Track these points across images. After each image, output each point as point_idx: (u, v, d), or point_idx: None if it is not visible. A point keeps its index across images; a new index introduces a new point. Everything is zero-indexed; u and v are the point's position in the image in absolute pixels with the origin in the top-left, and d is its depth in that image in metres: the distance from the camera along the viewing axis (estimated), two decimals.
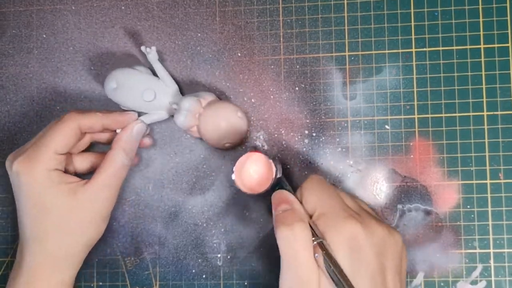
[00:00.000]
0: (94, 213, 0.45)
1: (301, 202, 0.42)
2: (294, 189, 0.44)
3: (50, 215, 0.44)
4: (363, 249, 0.38)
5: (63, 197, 0.44)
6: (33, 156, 0.44)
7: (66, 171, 0.46)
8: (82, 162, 0.48)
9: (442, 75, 0.49)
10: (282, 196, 0.42)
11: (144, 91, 0.48)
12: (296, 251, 0.38)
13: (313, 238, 0.38)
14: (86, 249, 0.46)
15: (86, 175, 0.47)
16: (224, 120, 0.47)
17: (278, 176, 0.44)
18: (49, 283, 0.44)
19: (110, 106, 0.52)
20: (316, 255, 0.38)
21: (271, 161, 0.44)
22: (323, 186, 0.42)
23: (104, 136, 0.49)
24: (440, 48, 0.49)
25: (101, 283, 0.51)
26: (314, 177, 0.43)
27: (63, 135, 0.44)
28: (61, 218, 0.44)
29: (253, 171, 0.44)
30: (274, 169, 0.43)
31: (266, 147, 0.50)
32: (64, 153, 0.45)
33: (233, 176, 0.44)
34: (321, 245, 0.38)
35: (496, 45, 0.48)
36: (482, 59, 0.49)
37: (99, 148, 0.51)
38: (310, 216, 0.41)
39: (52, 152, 0.44)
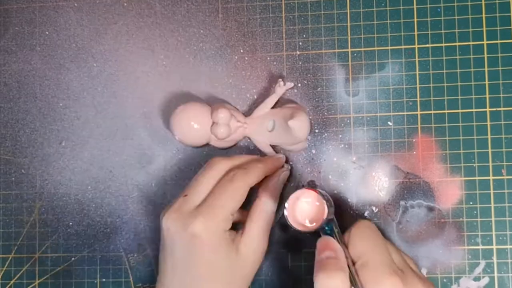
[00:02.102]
0: (252, 264, 0.45)
1: (347, 246, 0.41)
2: (343, 231, 0.43)
3: (220, 273, 0.43)
4: None
5: (231, 254, 0.43)
6: (214, 218, 0.43)
7: None
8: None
9: (444, 71, 0.49)
10: (328, 243, 0.41)
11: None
12: None
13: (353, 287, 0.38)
14: None
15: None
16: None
17: (330, 217, 0.43)
18: None
19: (112, 103, 0.52)
20: None
21: (324, 201, 0.43)
22: (372, 234, 0.42)
23: None
24: (443, 44, 0.49)
25: (104, 280, 0.51)
26: (364, 222, 0.43)
27: (238, 197, 0.44)
28: (228, 275, 0.44)
29: (306, 209, 0.43)
30: (326, 209, 0.42)
31: None
32: (235, 213, 0.44)
33: (285, 212, 0.43)
34: None
35: (499, 41, 0.48)
36: (485, 55, 0.48)
37: None
38: (354, 263, 0.40)
39: (229, 214, 0.43)
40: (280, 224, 0.49)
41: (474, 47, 0.49)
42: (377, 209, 0.49)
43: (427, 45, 0.49)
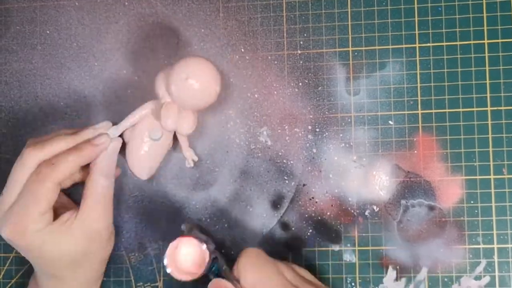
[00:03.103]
0: (94, 241, 0.45)
1: (238, 281, 0.41)
2: (230, 265, 0.43)
3: (58, 261, 0.44)
4: None
5: (61, 239, 0.44)
6: (19, 222, 0.42)
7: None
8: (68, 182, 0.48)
9: (445, 70, 0.49)
10: (220, 284, 0.41)
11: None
12: None
13: None
14: (101, 268, 0.48)
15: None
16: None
17: (213, 257, 0.43)
18: None
19: (113, 103, 0.52)
20: None
21: (203, 245, 0.42)
22: (258, 261, 0.42)
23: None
24: (444, 43, 0.49)
25: (105, 279, 0.51)
26: (250, 252, 0.42)
27: (45, 197, 0.43)
28: (69, 257, 0.44)
29: (186, 257, 0.43)
30: (206, 253, 0.42)
31: (269, 143, 0.50)
32: (48, 210, 0.43)
33: (165, 262, 0.42)
34: None
35: (500, 40, 0.48)
36: (486, 54, 0.48)
37: None
38: None
39: (38, 214, 0.43)
40: (280, 224, 0.49)
41: (475, 46, 0.49)
42: (378, 208, 0.49)
43: (428, 44, 0.49)
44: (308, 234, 0.49)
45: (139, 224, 0.51)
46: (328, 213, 0.49)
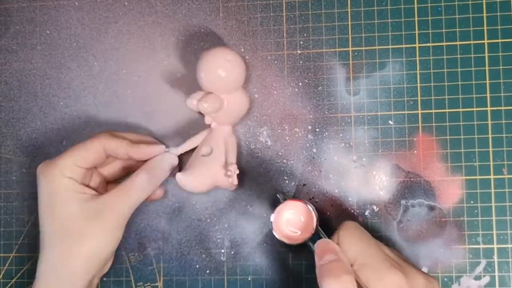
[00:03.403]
0: (102, 227, 0.44)
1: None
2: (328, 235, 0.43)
3: (59, 217, 0.44)
4: None
5: (72, 205, 0.44)
6: (54, 162, 0.45)
7: (88, 186, 0.47)
8: (109, 187, 0.49)
9: (445, 70, 0.49)
10: (328, 245, 0.41)
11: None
12: None
13: None
14: (87, 262, 0.45)
15: None
16: (218, 68, 0.46)
17: (316, 223, 0.43)
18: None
19: (113, 102, 0.52)
20: None
21: (311, 208, 0.43)
22: (360, 234, 0.42)
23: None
24: (444, 43, 0.49)
25: (105, 279, 0.51)
26: (350, 223, 0.43)
27: (86, 150, 0.46)
28: (67, 225, 0.44)
29: (292, 221, 0.44)
30: (314, 217, 0.43)
31: (269, 143, 0.50)
32: (83, 167, 0.45)
33: (272, 225, 0.43)
34: None
35: (499, 40, 0.48)
36: (486, 54, 0.48)
37: None
38: (351, 265, 0.40)
39: (72, 162, 0.45)
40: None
41: (475, 46, 0.49)
42: (378, 208, 0.49)
43: (428, 44, 0.49)
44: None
45: (139, 224, 0.51)
46: (328, 213, 0.49)
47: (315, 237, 0.43)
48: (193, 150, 0.49)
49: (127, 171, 0.50)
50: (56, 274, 0.44)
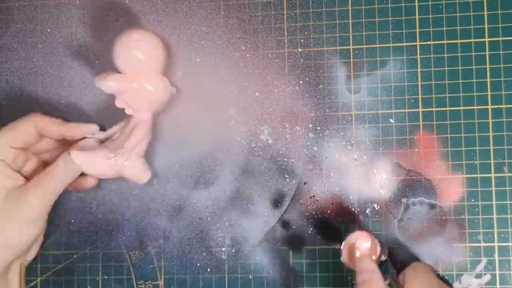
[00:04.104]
0: (20, 213, 0.44)
1: (403, 287, 0.42)
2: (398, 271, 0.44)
3: None
4: None
5: (3, 179, 0.44)
6: None
7: (18, 171, 0.46)
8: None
9: (446, 68, 0.49)
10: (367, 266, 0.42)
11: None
12: None
13: None
14: (12, 251, 0.44)
15: None
16: (128, 49, 0.46)
17: (383, 258, 0.43)
18: None
19: (114, 102, 0.52)
20: None
21: (376, 240, 0.43)
22: (428, 276, 0.43)
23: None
24: (445, 42, 0.49)
25: (106, 277, 0.51)
26: (421, 264, 0.44)
27: (17, 130, 0.45)
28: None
29: (361, 250, 0.44)
30: (378, 249, 0.43)
31: (270, 141, 0.50)
32: (14, 147, 0.45)
33: (342, 257, 0.44)
34: None
35: (500, 38, 0.48)
36: (487, 53, 0.48)
37: None
38: None
39: (2, 142, 0.45)
40: (281, 222, 0.49)
41: (476, 45, 0.49)
42: (378, 207, 0.49)
43: (429, 43, 0.49)
44: (309, 232, 0.49)
45: (140, 223, 0.51)
46: (329, 212, 0.49)
47: (380, 269, 0.43)
48: None
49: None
50: None
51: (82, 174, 0.47)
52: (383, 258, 0.43)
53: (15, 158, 0.46)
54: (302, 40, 0.50)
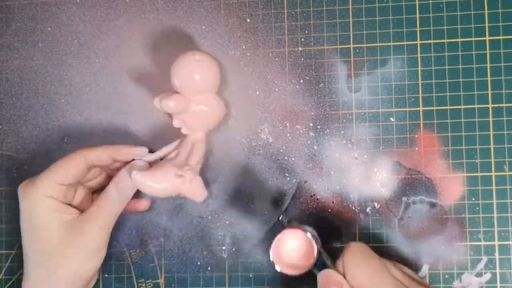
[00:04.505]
0: (82, 246, 0.45)
1: (344, 276, 0.39)
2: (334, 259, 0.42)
3: (42, 241, 0.44)
4: None
5: (54, 226, 0.44)
6: (34, 182, 0.45)
7: (69, 204, 0.47)
8: (90, 200, 0.49)
9: (447, 67, 0.49)
10: (330, 277, 0.39)
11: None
12: None
13: None
14: (76, 284, 0.45)
15: None
16: (187, 70, 0.45)
17: (319, 249, 0.42)
18: None
19: (114, 100, 0.52)
20: None
21: (310, 236, 0.42)
22: (367, 257, 0.40)
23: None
24: (445, 40, 0.49)
25: (106, 275, 0.51)
26: (356, 247, 0.40)
27: (67, 167, 0.45)
28: (52, 246, 0.44)
29: (292, 250, 0.42)
30: (314, 245, 0.42)
31: (270, 140, 0.50)
32: (64, 184, 0.45)
33: (271, 257, 0.42)
34: None
35: (501, 37, 0.48)
36: (487, 51, 0.48)
37: None
38: None
39: (53, 181, 0.45)
40: (281, 222, 0.49)
41: (476, 43, 0.49)
42: (379, 205, 0.49)
43: (429, 41, 0.49)
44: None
45: (140, 221, 0.51)
46: (329, 210, 0.49)
47: (319, 263, 0.42)
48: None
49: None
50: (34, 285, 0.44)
51: (134, 197, 0.48)
52: (319, 248, 0.42)
53: (65, 194, 0.46)
54: (302, 39, 0.50)
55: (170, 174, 0.44)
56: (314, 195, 0.49)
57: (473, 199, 0.48)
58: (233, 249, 0.50)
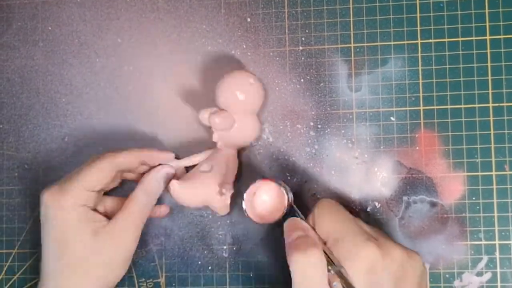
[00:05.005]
0: (112, 255, 0.44)
1: (314, 229, 0.40)
2: (305, 216, 0.43)
3: (70, 252, 0.43)
4: (382, 275, 0.37)
5: (85, 234, 0.43)
6: (64, 189, 0.43)
7: (95, 210, 0.46)
8: (111, 204, 0.48)
9: (447, 66, 0.49)
10: (295, 223, 0.41)
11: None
12: (311, 277, 0.37)
13: (330, 267, 0.37)
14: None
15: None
16: (238, 90, 0.46)
17: (290, 203, 0.43)
18: None
19: (114, 99, 0.52)
20: (334, 283, 0.37)
21: (282, 189, 0.43)
22: (335, 210, 0.41)
23: (133, 175, 0.49)
24: (446, 40, 0.49)
25: None
26: (326, 201, 0.42)
27: (97, 172, 0.44)
28: (80, 256, 0.43)
29: (265, 200, 0.44)
30: (285, 197, 0.43)
31: (271, 139, 0.50)
32: (96, 191, 0.45)
33: (244, 205, 0.43)
34: (340, 274, 0.37)
35: (502, 36, 0.48)
36: (488, 50, 0.48)
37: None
38: (325, 243, 0.39)
39: (84, 188, 0.43)
40: (282, 219, 0.49)
41: (477, 42, 0.49)
42: (379, 205, 0.49)
43: (430, 40, 0.49)
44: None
45: None
46: None
47: (289, 216, 0.43)
48: (192, 166, 0.49)
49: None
50: None
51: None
52: (290, 203, 0.43)
53: (95, 200, 0.45)
54: (303, 38, 0.50)
55: (211, 189, 0.45)
56: (314, 194, 0.49)
57: (474, 198, 0.48)
58: (234, 248, 0.50)
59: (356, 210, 0.49)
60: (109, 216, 0.46)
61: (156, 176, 0.47)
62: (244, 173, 0.50)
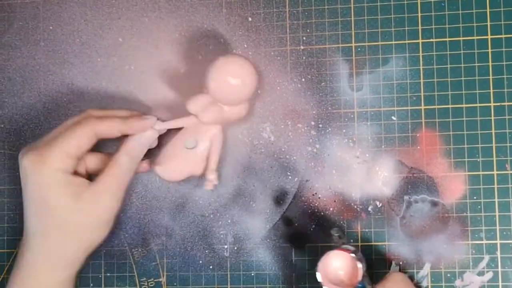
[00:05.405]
0: (95, 216, 0.44)
1: None
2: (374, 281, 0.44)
3: (52, 214, 0.43)
4: None
5: (66, 198, 0.43)
6: (44, 155, 0.43)
7: (76, 172, 0.45)
8: (93, 162, 0.47)
9: (449, 66, 0.49)
10: None
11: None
12: None
13: None
14: (85, 252, 0.45)
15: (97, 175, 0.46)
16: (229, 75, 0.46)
17: (363, 275, 0.43)
18: (45, 281, 0.44)
19: (116, 99, 0.52)
20: None
21: (357, 261, 0.43)
22: (406, 285, 0.43)
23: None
24: (447, 39, 0.49)
25: (108, 274, 0.51)
26: (397, 276, 0.43)
27: (78, 139, 0.44)
28: (62, 219, 0.43)
29: (339, 271, 0.43)
30: (360, 267, 0.42)
31: (272, 138, 0.50)
32: (76, 156, 0.44)
33: (318, 277, 0.43)
34: None
35: (503, 36, 0.48)
36: (489, 50, 0.48)
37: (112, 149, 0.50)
38: None
39: (63, 153, 0.43)
40: (283, 219, 0.49)
41: (478, 42, 0.49)
42: (381, 204, 0.49)
43: (431, 40, 0.49)
44: (311, 229, 0.49)
45: (143, 220, 0.51)
46: (331, 209, 0.49)
47: (361, 286, 0.43)
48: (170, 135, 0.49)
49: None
50: (49, 262, 0.44)
51: None
52: (363, 274, 0.43)
53: (74, 166, 0.45)
54: (304, 38, 0.50)
55: (197, 169, 0.48)
56: (315, 193, 0.49)
57: (475, 197, 0.48)
58: (235, 248, 0.50)
59: (357, 209, 0.49)
60: (90, 172, 0.46)
61: (140, 139, 0.46)
62: (244, 172, 0.50)
